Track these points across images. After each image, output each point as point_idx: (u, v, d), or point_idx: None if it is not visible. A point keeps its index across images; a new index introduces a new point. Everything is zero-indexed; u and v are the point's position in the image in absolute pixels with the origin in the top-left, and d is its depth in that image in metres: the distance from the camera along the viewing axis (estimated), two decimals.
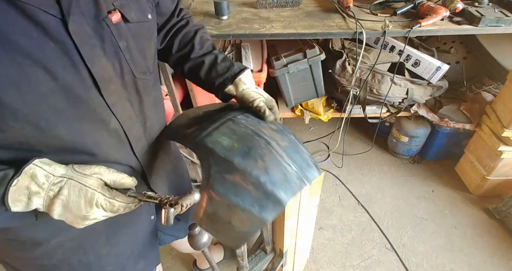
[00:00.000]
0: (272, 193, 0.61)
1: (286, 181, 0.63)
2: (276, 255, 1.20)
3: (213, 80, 0.77)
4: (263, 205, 0.61)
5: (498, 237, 1.62)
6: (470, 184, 1.86)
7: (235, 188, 0.61)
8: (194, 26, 0.82)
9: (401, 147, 2.00)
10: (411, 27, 1.35)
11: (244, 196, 0.61)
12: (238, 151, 0.62)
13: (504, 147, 1.59)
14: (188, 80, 0.83)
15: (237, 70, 0.76)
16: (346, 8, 1.51)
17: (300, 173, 0.66)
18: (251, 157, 0.61)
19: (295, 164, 0.66)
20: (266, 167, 0.61)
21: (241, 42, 1.80)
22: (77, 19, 0.48)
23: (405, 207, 1.78)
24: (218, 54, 0.78)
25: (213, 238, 0.73)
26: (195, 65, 0.78)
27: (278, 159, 0.64)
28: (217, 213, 0.63)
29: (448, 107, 1.81)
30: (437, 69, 1.62)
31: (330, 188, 1.91)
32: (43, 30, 0.45)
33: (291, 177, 0.64)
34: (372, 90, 1.71)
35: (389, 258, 1.55)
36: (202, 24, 0.84)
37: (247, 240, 0.63)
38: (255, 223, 0.62)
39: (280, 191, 0.61)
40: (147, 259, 0.85)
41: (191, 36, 0.79)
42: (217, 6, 1.50)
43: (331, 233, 1.66)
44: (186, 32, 0.80)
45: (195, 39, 0.79)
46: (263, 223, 0.62)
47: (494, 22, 1.36)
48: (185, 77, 0.82)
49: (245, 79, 0.75)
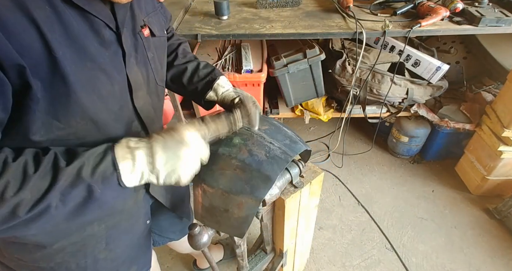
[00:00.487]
0: (259, 171, 0.63)
1: (271, 158, 0.66)
2: (276, 255, 1.20)
3: (195, 84, 0.82)
4: (254, 185, 0.63)
5: (498, 237, 1.62)
6: (470, 184, 1.86)
7: (224, 176, 0.64)
8: (178, 39, 0.90)
9: (401, 147, 2.00)
10: (411, 27, 1.35)
11: (234, 181, 0.64)
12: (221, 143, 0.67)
13: (504, 147, 1.59)
14: (167, 88, 0.85)
15: (218, 74, 0.82)
16: (346, 8, 1.51)
17: (284, 148, 0.69)
18: (234, 145, 0.65)
19: (278, 142, 0.70)
20: (249, 150, 0.65)
21: (241, 42, 1.80)
22: (125, 32, 0.57)
23: (405, 207, 1.78)
24: (200, 62, 0.86)
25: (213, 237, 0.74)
26: (178, 71, 0.84)
27: (259, 140, 0.67)
28: (214, 204, 0.65)
29: (448, 107, 1.81)
30: (437, 69, 1.62)
31: (330, 188, 1.91)
32: (103, 41, 0.53)
33: (274, 153, 0.67)
34: (372, 90, 1.71)
35: (389, 258, 1.55)
36: (184, 39, 0.93)
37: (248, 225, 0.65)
38: (251, 205, 0.64)
39: (266, 168, 0.64)
40: (140, 263, 0.87)
41: (175, 47, 0.87)
42: (217, 6, 1.50)
43: (331, 233, 1.66)
44: (171, 43, 0.87)
45: (179, 50, 0.87)
46: (257, 202, 0.64)
47: (494, 22, 1.36)
48: (166, 87, 0.85)
49: (222, 83, 0.81)
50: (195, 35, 1.41)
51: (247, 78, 1.59)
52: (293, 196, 0.87)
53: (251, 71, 1.59)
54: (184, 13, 1.62)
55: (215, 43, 1.83)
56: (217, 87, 0.80)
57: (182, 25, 1.50)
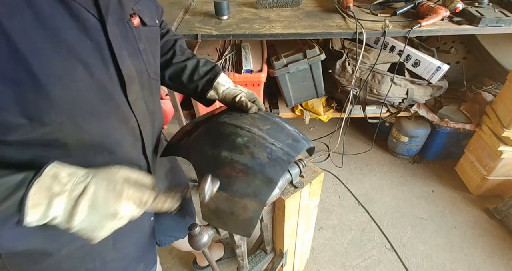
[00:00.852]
0: (261, 174, 0.63)
1: (273, 160, 0.66)
2: (276, 255, 1.20)
3: (196, 83, 0.80)
4: (257, 188, 0.63)
5: (498, 237, 1.62)
6: (470, 184, 1.86)
7: (228, 180, 0.64)
8: (174, 35, 0.86)
9: (401, 147, 2.00)
10: (411, 27, 1.35)
11: (238, 184, 0.63)
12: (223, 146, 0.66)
13: (504, 147, 1.59)
14: (165, 86, 0.84)
15: (218, 71, 0.80)
16: (346, 8, 1.51)
17: (287, 149, 0.69)
18: (236, 148, 0.65)
19: (279, 142, 0.69)
20: (251, 152, 0.64)
21: (241, 42, 1.80)
22: (111, 20, 0.51)
23: (405, 207, 1.78)
24: (200, 59, 0.82)
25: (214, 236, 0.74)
26: (178, 69, 0.81)
27: (261, 141, 0.67)
28: (219, 207, 0.65)
29: (448, 107, 1.81)
30: (437, 69, 1.62)
31: (330, 188, 1.91)
32: (83, 28, 0.47)
33: (276, 154, 0.66)
34: (372, 90, 1.71)
35: (389, 258, 1.55)
36: (181, 35, 0.89)
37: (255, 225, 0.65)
38: (255, 207, 0.64)
39: (268, 171, 0.64)
40: (147, 260, 0.86)
41: (172, 44, 0.83)
42: (217, 6, 1.50)
43: (331, 233, 1.66)
44: (167, 39, 0.83)
45: (176, 46, 0.82)
46: (261, 205, 0.64)
47: (494, 22, 1.36)
48: (163, 84, 0.82)
49: (222, 81, 0.80)
50: (195, 35, 1.41)
51: (247, 78, 1.59)
52: (293, 196, 0.87)
53: (251, 71, 1.59)
54: (184, 13, 1.62)
55: (215, 43, 1.83)
56: (217, 86, 0.79)
57: (182, 25, 1.50)
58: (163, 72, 0.81)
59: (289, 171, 0.84)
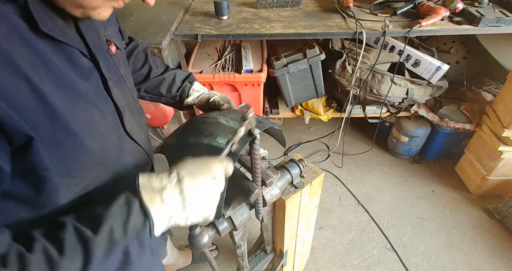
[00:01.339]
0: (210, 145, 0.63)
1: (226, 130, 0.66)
2: (276, 255, 1.20)
3: (174, 93, 0.84)
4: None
5: (498, 237, 1.62)
6: (470, 184, 1.86)
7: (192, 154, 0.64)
8: (141, 45, 0.85)
9: (401, 147, 2.00)
10: (411, 27, 1.35)
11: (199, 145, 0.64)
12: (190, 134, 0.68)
13: (504, 147, 1.59)
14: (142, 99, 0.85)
15: (193, 79, 0.84)
16: (346, 8, 1.51)
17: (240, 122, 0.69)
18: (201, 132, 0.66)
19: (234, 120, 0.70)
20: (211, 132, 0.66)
21: (241, 42, 1.80)
22: (99, 56, 0.51)
23: (405, 207, 1.78)
24: (176, 71, 0.86)
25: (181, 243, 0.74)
26: (156, 83, 0.83)
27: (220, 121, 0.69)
28: None
29: (448, 107, 1.81)
30: (437, 69, 1.62)
31: (330, 188, 1.91)
32: (83, 72, 0.47)
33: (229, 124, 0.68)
34: (372, 90, 1.71)
35: (389, 258, 1.55)
36: (145, 43, 0.89)
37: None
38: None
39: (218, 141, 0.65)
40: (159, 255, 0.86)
41: (144, 58, 0.84)
42: (217, 6, 1.50)
43: (331, 233, 1.66)
44: (137, 52, 0.83)
45: (149, 61, 0.84)
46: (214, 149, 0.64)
47: (494, 22, 1.36)
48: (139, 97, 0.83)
49: (197, 88, 0.85)
50: (195, 35, 1.41)
51: (247, 78, 1.59)
52: (294, 196, 0.87)
53: (251, 71, 1.59)
54: (184, 13, 1.62)
55: (215, 43, 1.82)
56: (192, 93, 0.84)
57: (182, 25, 1.50)
58: (138, 86, 0.82)
59: (290, 171, 0.84)
